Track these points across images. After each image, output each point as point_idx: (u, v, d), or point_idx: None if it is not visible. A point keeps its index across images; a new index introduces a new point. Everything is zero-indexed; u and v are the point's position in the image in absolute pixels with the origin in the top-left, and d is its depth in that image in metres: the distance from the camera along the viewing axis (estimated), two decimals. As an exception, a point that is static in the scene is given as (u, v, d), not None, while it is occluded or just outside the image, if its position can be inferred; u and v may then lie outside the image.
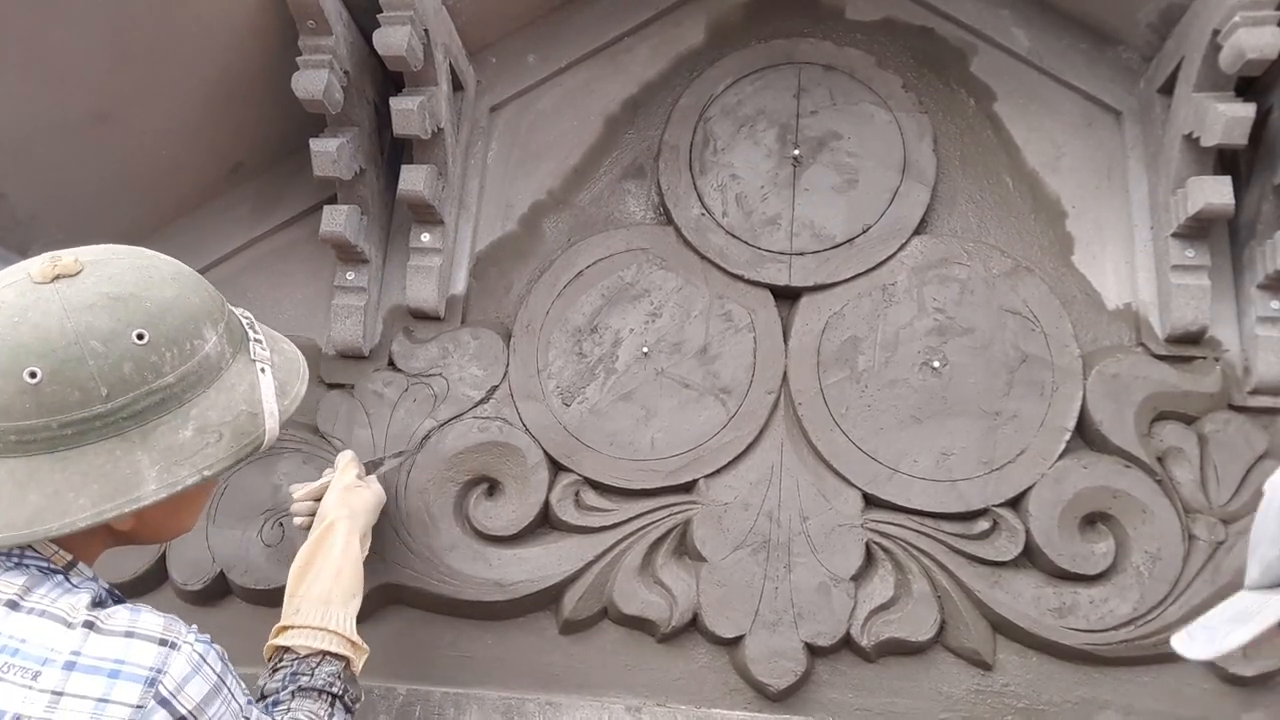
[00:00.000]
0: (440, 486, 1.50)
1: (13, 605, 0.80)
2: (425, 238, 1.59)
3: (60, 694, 0.75)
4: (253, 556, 1.48)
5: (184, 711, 0.81)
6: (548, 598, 1.48)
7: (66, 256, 0.86)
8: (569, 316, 1.57)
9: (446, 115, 1.55)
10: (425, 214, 1.58)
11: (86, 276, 0.85)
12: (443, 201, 1.59)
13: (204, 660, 0.84)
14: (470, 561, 1.47)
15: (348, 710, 1.12)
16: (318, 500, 1.32)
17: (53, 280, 0.84)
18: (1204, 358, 1.48)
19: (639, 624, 1.47)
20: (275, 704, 1.07)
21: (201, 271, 1.64)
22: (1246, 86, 1.42)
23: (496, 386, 1.55)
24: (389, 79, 1.56)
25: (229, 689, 0.87)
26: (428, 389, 1.54)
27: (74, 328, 0.82)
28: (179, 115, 1.50)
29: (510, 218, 1.68)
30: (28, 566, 0.84)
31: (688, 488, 1.50)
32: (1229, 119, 1.36)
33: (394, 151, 1.66)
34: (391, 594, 1.49)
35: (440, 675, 1.47)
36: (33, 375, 0.80)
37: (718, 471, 1.50)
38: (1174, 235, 1.48)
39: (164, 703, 0.79)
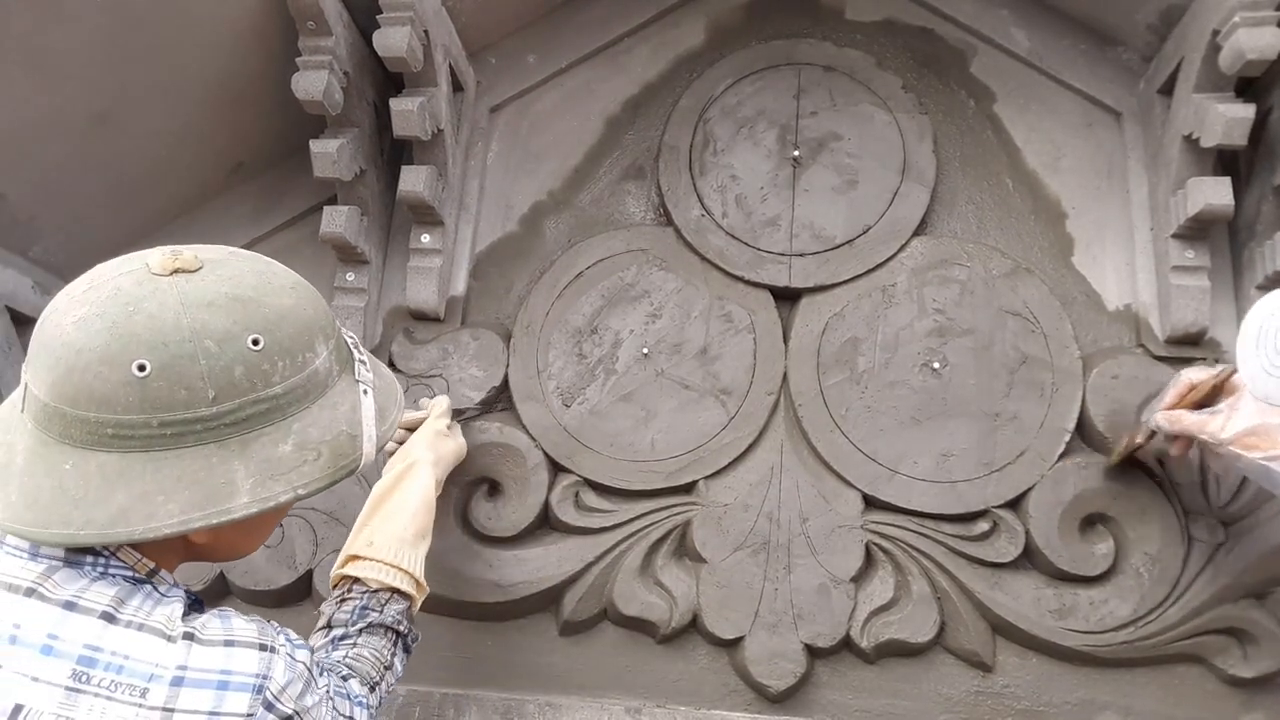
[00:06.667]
0: (440, 487, 1.50)
1: (109, 618, 0.77)
2: (425, 238, 1.59)
3: (171, 710, 0.75)
4: (253, 557, 1.48)
5: (289, 711, 0.82)
6: (548, 599, 1.48)
7: (186, 252, 0.82)
8: (569, 317, 1.57)
9: (446, 116, 1.55)
10: (425, 215, 1.58)
11: (206, 274, 0.82)
12: (443, 202, 1.59)
13: (294, 658, 0.85)
14: (470, 562, 1.47)
15: (407, 650, 1.14)
16: (409, 431, 1.37)
17: (171, 274, 0.80)
18: (1204, 359, 1.48)
19: (639, 625, 1.47)
20: (343, 638, 1.08)
21: (201, 272, 1.68)
22: (1246, 87, 1.42)
23: (496, 387, 1.55)
24: (389, 80, 1.56)
25: (314, 677, 0.88)
26: (428, 390, 1.54)
27: (190, 324, 0.78)
28: (179, 116, 1.50)
29: (510, 218, 1.68)
30: (114, 576, 0.81)
31: (688, 489, 1.50)
32: (1229, 120, 1.36)
33: (394, 152, 1.66)
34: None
35: (440, 676, 1.47)
36: (141, 368, 0.76)
37: (718, 472, 1.50)
38: (1174, 236, 1.48)
39: (270, 706, 0.80)
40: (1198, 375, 1.27)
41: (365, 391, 0.92)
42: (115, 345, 0.76)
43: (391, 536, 1.18)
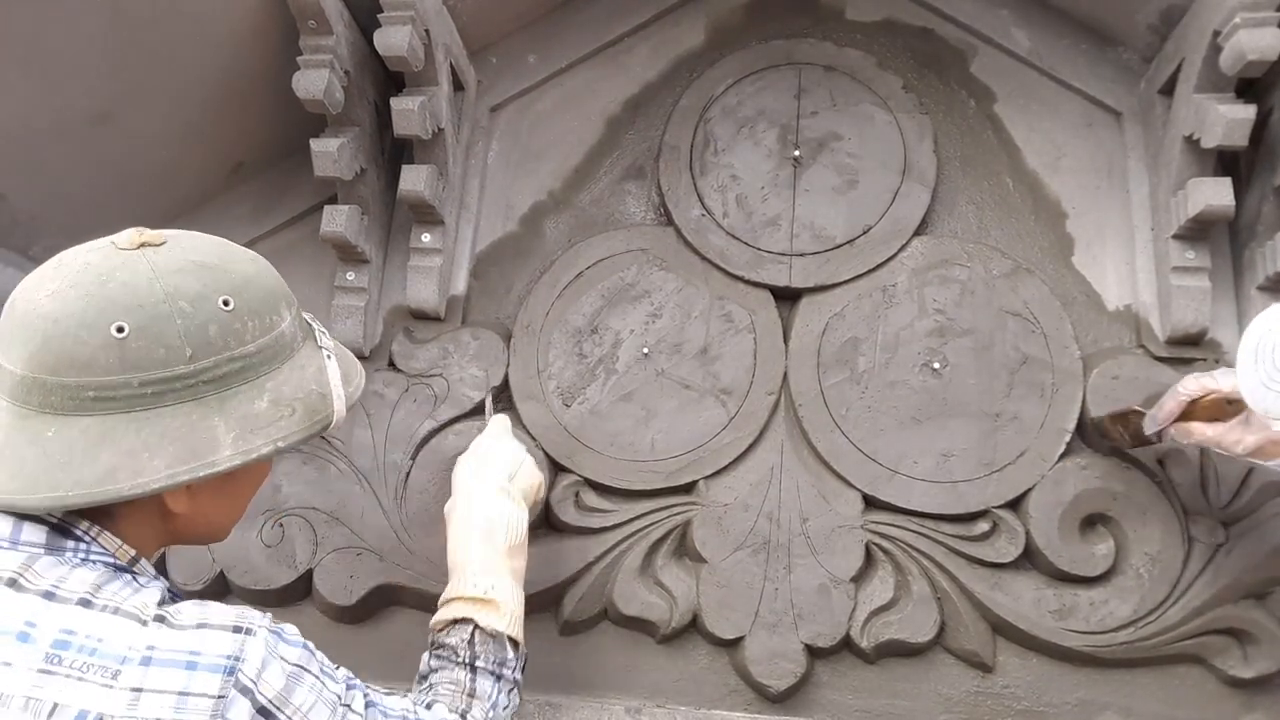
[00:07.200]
0: (440, 487, 1.50)
1: (86, 603, 0.77)
2: (426, 238, 1.59)
3: (140, 690, 0.73)
4: (253, 557, 1.48)
5: (264, 701, 0.78)
6: (548, 599, 1.48)
7: (149, 231, 0.87)
8: (569, 317, 1.57)
9: (447, 115, 1.55)
10: (426, 214, 1.58)
11: (171, 246, 0.86)
12: (443, 202, 1.59)
13: (279, 646, 0.82)
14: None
15: (495, 676, 1.08)
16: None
17: (139, 247, 0.84)
18: (1204, 359, 1.48)
19: (639, 625, 1.47)
20: (423, 679, 1.09)
21: (202, 272, 1.68)
22: (1247, 87, 1.42)
23: (497, 387, 1.55)
24: (390, 79, 1.56)
25: (316, 676, 0.84)
26: (428, 389, 1.54)
27: (163, 287, 0.82)
28: (179, 115, 1.50)
29: (511, 218, 1.68)
30: (94, 563, 0.82)
31: (688, 489, 1.50)
32: (1229, 120, 1.36)
33: (394, 151, 1.66)
34: (391, 595, 1.49)
35: (440, 676, 1.47)
36: (120, 330, 0.79)
37: (718, 472, 1.50)
38: (1174, 237, 1.48)
39: (245, 691, 0.77)
40: (1194, 386, 1.25)
41: (329, 356, 0.96)
42: (92, 311, 0.79)
43: (446, 579, 1.19)
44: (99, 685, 0.73)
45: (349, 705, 0.87)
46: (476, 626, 1.11)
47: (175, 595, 0.87)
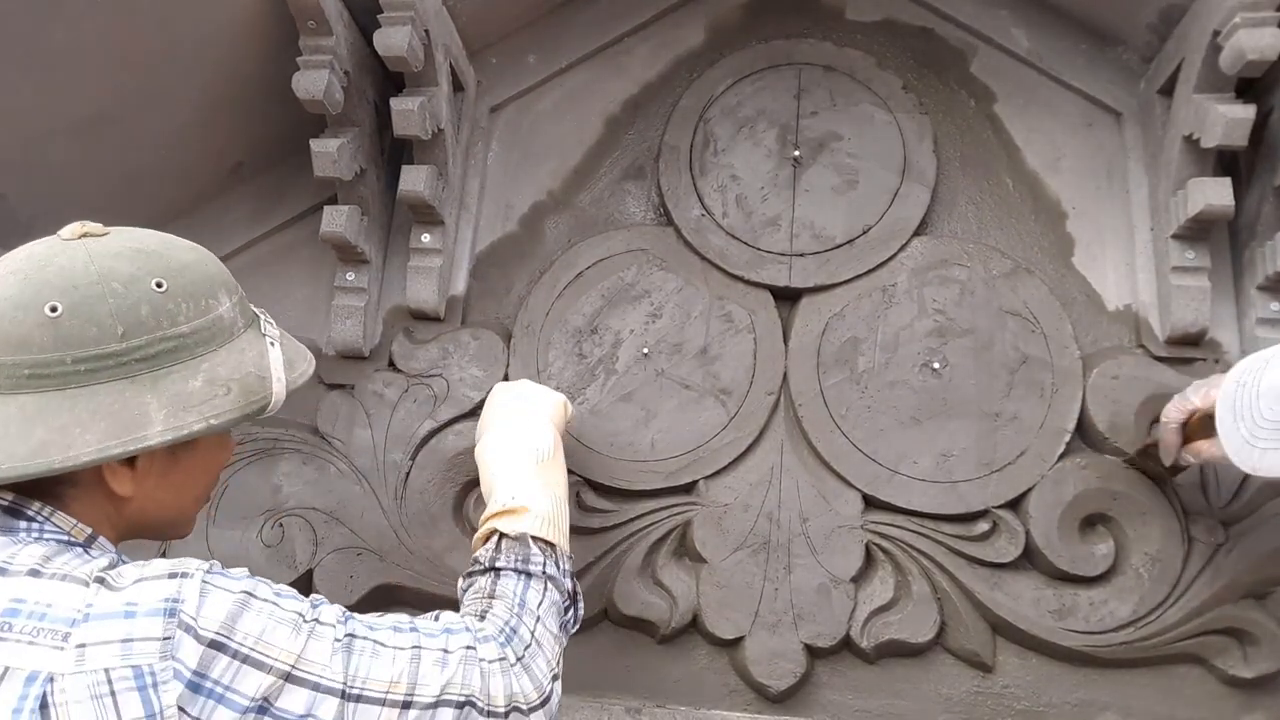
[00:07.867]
0: (440, 487, 1.50)
1: (35, 573, 0.79)
2: (425, 238, 1.59)
3: (84, 645, 0.75)
4: (253, 557, 1.48)
5: (210, 634, 0.77)
6: (547, 598, 1.48)
7: (94, 224, 0.91)
8: (569, 317, 1.57)
9: (447, 116, 1.55)
10: (425, 214, 1.58)
11: (112, 236, 0.91)
12: (443, 202, 1.59)
13: (218, 579, 0.82)
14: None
15: (519, 573, 1.09)
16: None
17: (80, 237, 0.89)
18: (1204, 359, 1.48)
19: (639, 625, 1.47)
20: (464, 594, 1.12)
21: (202, 272, 1.68)
22: (1247, 87, 1.42)
23: (496, 387, 1.55)
24: (389, 79, 1.56)
25: (265, 599, 0.83)
26: (428, 390, 1.54)
27: (97, 269, 0.85)
28: (179, 116, 1.50)
29: (510, 218, 1.68)
30: (48, 540, 0.84)
31: (688, 489, 1.50)
32: (1229, 120, 1.36)
33: (394, 152, 1.66)
34: (391, 595, 1.49)
35: (440, 676, 1.47)
36: (53, 309, 0.83)
37: (718, 472, 1.50)
38: (1174, 237, 1.48)
39: (188, 629, 0.77)
40: (1176, 413, 1.28)
41: (271, 343, 0.98)
42: (28, 292, 0.83)
43: None
44: (50, 648, 0.74)
45: (317, 619, 0.85)
46: (501, 534, 1.13)
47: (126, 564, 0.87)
